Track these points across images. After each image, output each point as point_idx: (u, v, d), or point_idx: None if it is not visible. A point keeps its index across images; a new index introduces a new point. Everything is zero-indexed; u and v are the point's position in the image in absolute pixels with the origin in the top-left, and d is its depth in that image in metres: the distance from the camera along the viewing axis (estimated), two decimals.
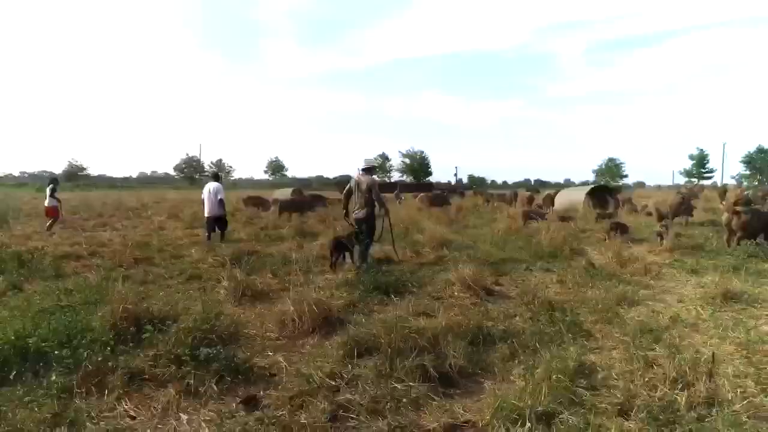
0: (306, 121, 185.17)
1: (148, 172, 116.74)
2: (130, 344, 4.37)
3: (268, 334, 4.99)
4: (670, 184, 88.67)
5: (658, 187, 75.92)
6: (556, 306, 5.70)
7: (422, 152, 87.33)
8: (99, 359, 3.86)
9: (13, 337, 4.11)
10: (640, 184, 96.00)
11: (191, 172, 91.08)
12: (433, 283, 7.20)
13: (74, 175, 76.00)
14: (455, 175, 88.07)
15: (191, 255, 10.21)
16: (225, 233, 12.70)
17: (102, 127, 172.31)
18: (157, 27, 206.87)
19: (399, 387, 3.55)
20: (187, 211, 20.92)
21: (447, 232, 12.29)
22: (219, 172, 13.69)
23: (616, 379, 3.80)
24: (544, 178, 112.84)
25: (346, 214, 9.26)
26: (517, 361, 4.16)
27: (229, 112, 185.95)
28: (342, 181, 66.45)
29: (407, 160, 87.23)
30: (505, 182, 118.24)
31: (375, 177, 10.07)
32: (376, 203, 8.75)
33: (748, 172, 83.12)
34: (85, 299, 5.88)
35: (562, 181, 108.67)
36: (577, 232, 12.16)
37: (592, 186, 22.74)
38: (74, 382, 3.59)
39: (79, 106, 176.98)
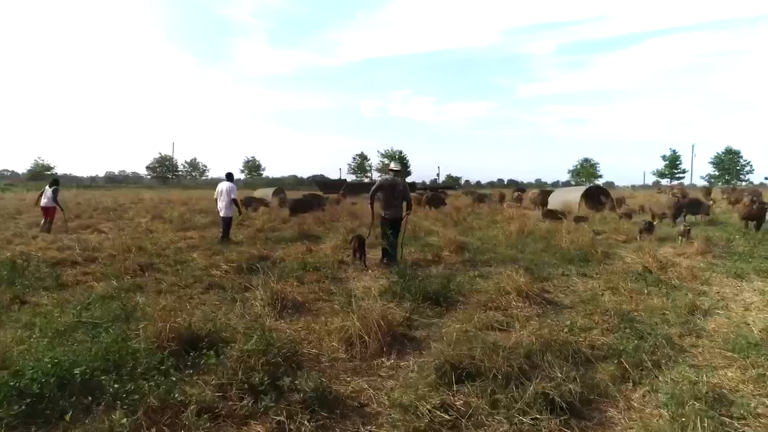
0: (280, 120, 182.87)
1: (116, 172, 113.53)
2: (188, 371, 3.78)
3: (334, 355, 4.41)
4: (641, 183, 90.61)
5: (633, 188, 77.12)
6: (628, 316, 5.30)
7: (401, 152, 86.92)
8: (162, 392, 3.27)
9: (50, 365, 3.48)
10: (610, 185, 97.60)
11: (164, 171, 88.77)
12: (478, 291, 6.76)
13: (40, 175, 73.03)
14: (437, 174, 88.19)
15: (195, 260, 9.57)
16: (227, 236, 12.29)
17: (67, 126, 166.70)
18: (126, 23, 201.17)
19: (526, 421, 3.07)
20: (171, 212, 20.09)
21: (456, 235, 11.86)
22: (231, 172, 13.07)
23: (755, 405, 3.39)
24: (516, 178, 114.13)
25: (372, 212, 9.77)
26: (631, 384, 3.73)
27: (203, 111, 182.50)
28: (319, 181, 65.65)
29: (386, 160, 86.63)
30: (478, 182, 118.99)
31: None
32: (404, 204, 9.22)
33: (717, 173, 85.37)
34: (110, 315, 5.23)
35: (533, 181, 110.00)
36: (593, 234, 11.83)
37: (587, 186, 22.59)
38: (142, 423, 3.00)
39: (43, 103, 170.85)
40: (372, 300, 5.07)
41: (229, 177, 12.91)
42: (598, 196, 22.09)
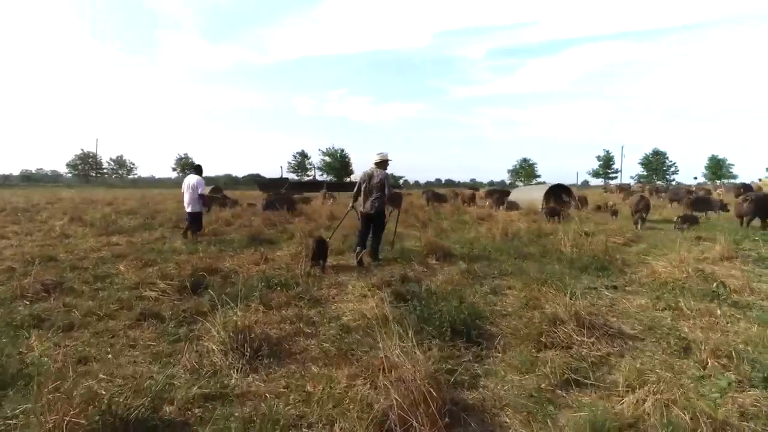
0: (213, 118, 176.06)
1: (33, 170, 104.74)
2: None
3: None
4: (573, 183, 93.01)
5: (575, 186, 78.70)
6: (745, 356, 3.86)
7: (342, 150, 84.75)
8: None
9: None
10: (542, 184, 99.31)
11: (86, 169, 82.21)
12: (504, 314, 5.21)
13: None
14: None
15: (121, 274, 7.52)
16: (197, 233, 11.37)
17: None
18: (44, 12, 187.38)
19: None
20: (93, 214, 17.37)
21: (434, 239, 10.30)
22: (200, 165, 11.51)
23: None
24: (453, 178, 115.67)
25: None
26: None
27: (129, 107, 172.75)
28: (259, 180, 62.44)
29: (327, 158, 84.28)
30: (417, 181, 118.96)
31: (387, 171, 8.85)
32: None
33: (645, 173, 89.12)
34: None
35: (468, 180, 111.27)
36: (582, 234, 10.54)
37: (550, 185, 21.74)
38: None
39: None
40: (384, 335, 3.38)
41: (198, 170, 11.64)
42: (560, 194, 21.26)
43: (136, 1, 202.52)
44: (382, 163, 8.59)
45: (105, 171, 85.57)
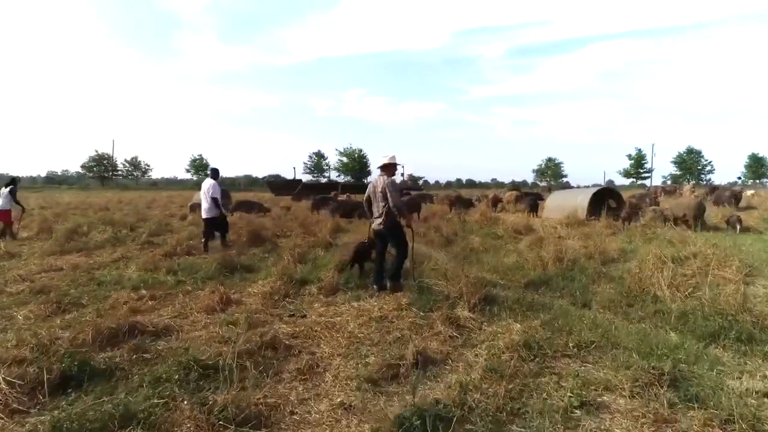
0: (231, 119, 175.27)
1: (59, 171, 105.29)
2: None
3: None
4: (601, 184, 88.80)
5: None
6: None
7: (361, 150, 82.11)
8: None
9: None
10: (566, 185, 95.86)
11: (101, 170, 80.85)
12: None
13: None
14: (402, 174, 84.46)
15: (11, 328, 5.05)
16: (226, 238, 10.94)
17: (5, 124, 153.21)
18: (61, 15, 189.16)
19: None
20: (67, 223, 14.96)
21: (465, 268, 7.49)
22: (217, 168, 11.22)
23: None
24: (474, 178, 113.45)
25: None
26: None
27: (146, 108, 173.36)
28: (272, 181, 59.97)
29: (345, 159, 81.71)
30: (437, 182, 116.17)
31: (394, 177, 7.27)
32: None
33: (679, 172, 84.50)
34: None
35: (489, 181, 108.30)
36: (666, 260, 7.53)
37: (597, 189, 18.64)
38: None
39: None
40: None
41: (214, 174, 10.97)
42: (605, 199, 18.10)
43: (153, 3, 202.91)
44: (387, 168, 7.05)
45: (120, 172, 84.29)
